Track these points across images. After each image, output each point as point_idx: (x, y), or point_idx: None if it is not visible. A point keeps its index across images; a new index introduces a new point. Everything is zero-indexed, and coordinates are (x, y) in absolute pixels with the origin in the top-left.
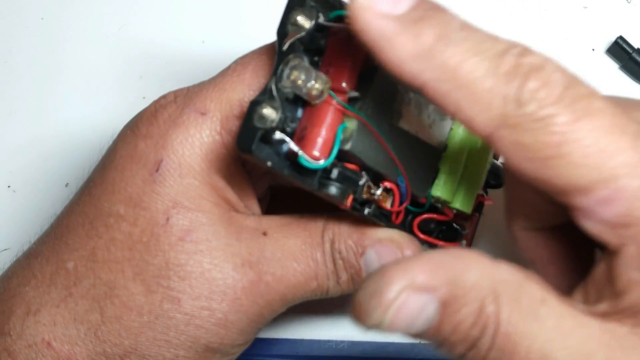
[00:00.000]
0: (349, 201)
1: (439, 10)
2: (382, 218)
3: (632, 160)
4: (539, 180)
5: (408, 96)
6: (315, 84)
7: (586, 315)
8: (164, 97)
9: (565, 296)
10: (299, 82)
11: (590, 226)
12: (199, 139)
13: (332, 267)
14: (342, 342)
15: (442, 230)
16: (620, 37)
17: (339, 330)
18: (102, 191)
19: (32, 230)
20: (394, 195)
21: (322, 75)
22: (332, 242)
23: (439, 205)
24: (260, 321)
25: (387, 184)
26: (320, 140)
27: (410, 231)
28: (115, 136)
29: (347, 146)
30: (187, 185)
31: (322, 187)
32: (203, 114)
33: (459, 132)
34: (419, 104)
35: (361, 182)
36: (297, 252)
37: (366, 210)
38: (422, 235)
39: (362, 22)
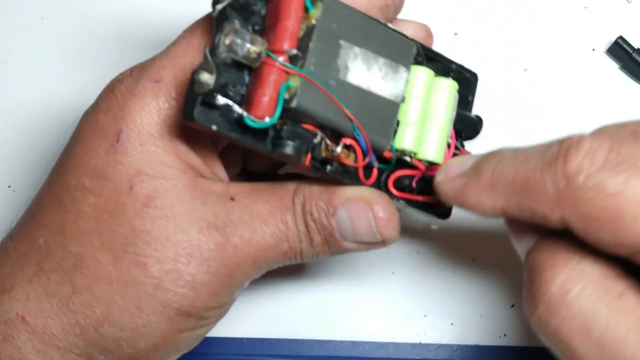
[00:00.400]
0: (307, 160)
1: (493, 152)
2: (348, 175)
3: None
4: (616, 245)
5: (353, 51)
6: (251, 47)
7: None
8: (121, 73)
9: None
10: (234, 46)
11: None
12: (156, 107)
13: (305, 230)
14: (342, 342)
15: (423, 187)
16: (621, 37)
17: (339, 330)
18: (69, 168)
19: None
20: (355, 152)
21: (258, 38)
22: (303, 205)
23: (409, 159)
24: (232, 283)
25: (347, 141)
26: (263, 100)
27: (386, 190)
28: None
29: (293, 103)
30: (149, 153)
31: (276, 148)
32: (157, 82)
33: (416, 83)
34: (367, 58)
35: (316, 140)
36: (265, 215)
37: (328, 168)
38: (397, 193)
39: (442, 191)
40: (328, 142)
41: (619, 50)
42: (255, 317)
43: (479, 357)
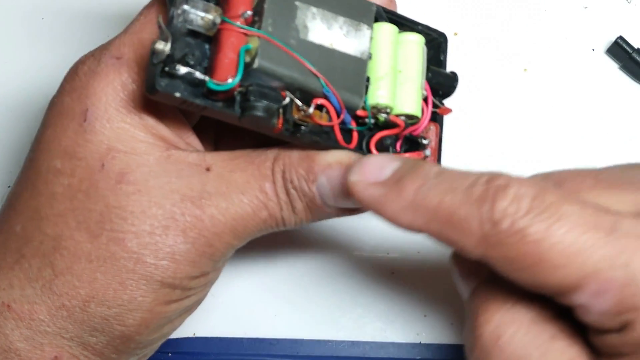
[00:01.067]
0: (279, 123)
1: (417, 166)
2: (324, 137)
3: (610, 253)
4: (534, 287)
5: (311, 11)
6: (205, 15)
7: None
8: (84, 55)
9: (577, 340)
10: (188, 15)
11: (593, 320)
12: (120, 83)
13: (286, 197)
14: (342, 342)
15: (408, 148)
16: (620, 37)
17: (339, 330)
18: (39, 152)
19: None
20: (329, 112)
21: (212, 5)
22: (283, 172)
23: (385, 117)
24: (213, 252)
25: (318, 101)
26: (224, 62)
27: (368, 153)
28: None
29: (255, 64)
30: (118, 129)
31: (245, 111)
32: (119, 58)
33: (381, 39)
34: (326, 17)
35: (285, 102)
36: (243, 184)
37: (302, 129)
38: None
39: (357, 195)
40: (299, 102)
41: (619, 50)
42: (255, 317)
43: None
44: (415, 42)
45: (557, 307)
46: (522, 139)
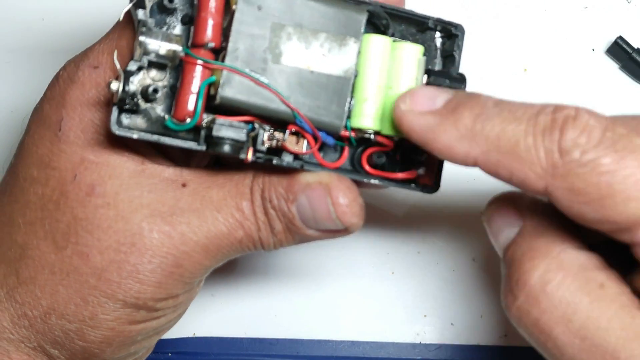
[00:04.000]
0: (249, 154)
1: (473, 96)
2: (298, 163)
3: None
4: (600, 222)
5: (286, 31)
6: (164, 46)
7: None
8: (68, 61)
9: (625, 288)
10: (147, 47)
11: None
12: (96, 93)
13: (264, 217)
14: (342, 342)
15: (402, 161)
16: (620, 38)
17: (339, 330)
18: (19, 159)
19: None
20: (306, 137)
21: (172, 35)
22: (262, 191)
23: (372, 137)
24: (182, 273)
25: (293, 128)
26: (185, 100)
27: (362, 170)
28: None
29: (217, 99)
30: (92, 140)
31: (211, 147)
32: (96, 67)
33: (370, 53)
34: (304, 35)
35: (255, 132)
36: (219, 201)
37: (275, 160)
38: (372, 170)
39: (407, 125)
40: (270, 131)
41: (619, 51)
42: (255, 317)
43: (479, 357)
44: (409, 54)
45: (605, 256)
46: None
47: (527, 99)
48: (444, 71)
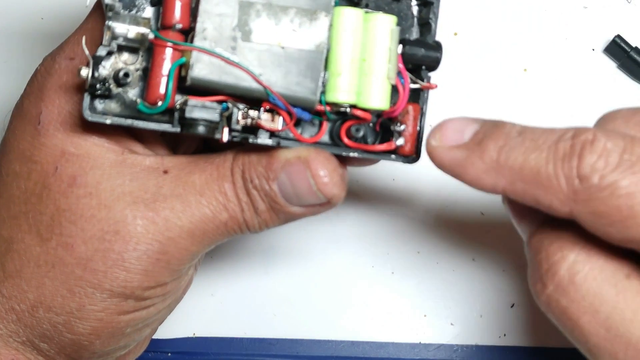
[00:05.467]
0: (223, 133)
1: (498, 126)
2: (275, 140)
3: None
4: (624, 241)
5: (255, 8)
6: (131, 29)
7: None
8: (45, 56)
9: None
10: (115, 31)
11: None
12: (73, 85)
13: (247, 198)
14: (342, 342)
15: (382, 133)
16: (618, 36)
17: (339, 330)
18: (1, 155)
19: None
20: (281, 114)
21: (140, 18)
22: (243, 172)
23: (348, 111)
24: (169, 260)
25: (267, 105)
26: (155, 83)
27: (341, 144)
28: None
29: (188, 80)
30: (71, 132)
31: (185, 128)
32: (72, 59)
33: (342, 26)
34: (274, 11)
35: (229, 112)
36: (201, 185)
37: (250, 139)
38: (350, 143)
39: (438, 160)
40: (244, 109)
41: (617, 49)
42: (255, 317)
43: (479, 357)
44: (382, 26)
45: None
46: None
47: (527, 99)
48: (419, 40)
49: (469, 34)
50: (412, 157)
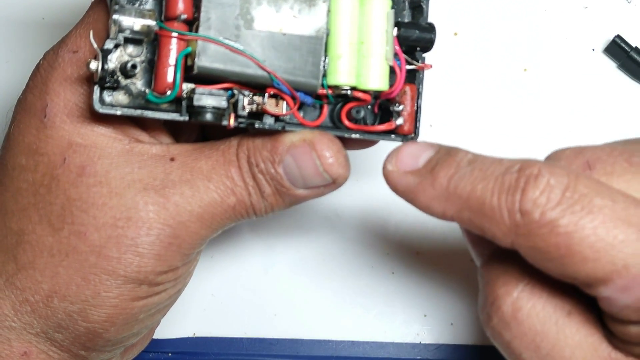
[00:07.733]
0: (231, 119)
1: (450, 153)
2: (280, 124)
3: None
4: (562, 277)
5: None
6: (137, 22)
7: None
8: (46, 51)
9: (591, 317)
10: (121, 24)
11: (616, 311)
12: (78, 76)
13: (253, 182)
14: (342, 342)
15: (381, 114)
16: (618, 36)
17: (339, 330)
18: (6, 149)
19: None
20: (285, 99)
21: (145, 11)
22: (248, 157)
23: (348, 93)
24: (180, 244)
25: (272, 91)
26: (163, 73)
27: (342, 126)
28: None
29: (195, 68)
30: (78, 123)
31: (193, 116)
32: (75, 52)
33: (340, 10)
34: (273, 0)
35: (235, 98)
36: (208, 171)
37: (257, 124)
38: (351, 125)
39: (392, 184)
40: (250, 95)
41: (617, 49)
42: (255, 317)
43: (478, 357)
44: (378, 8)
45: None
46: (522, 139)
47: (527, 99)
48: (414, 22)
49: (469, 34)
50: (411, 136)
